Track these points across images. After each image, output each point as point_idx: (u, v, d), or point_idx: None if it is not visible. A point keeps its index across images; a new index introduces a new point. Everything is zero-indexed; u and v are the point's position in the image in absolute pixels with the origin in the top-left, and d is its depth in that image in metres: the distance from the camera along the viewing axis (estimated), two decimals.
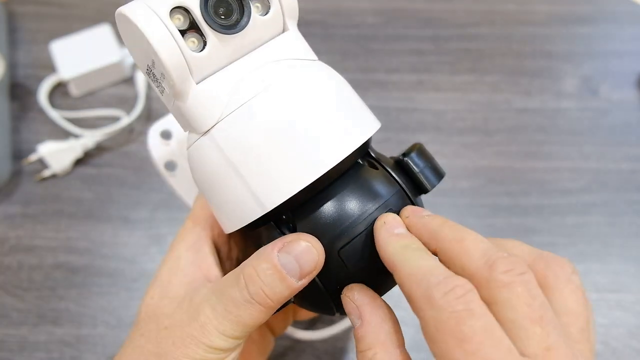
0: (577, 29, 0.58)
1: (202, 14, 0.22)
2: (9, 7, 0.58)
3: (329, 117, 0.23)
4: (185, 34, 0.22)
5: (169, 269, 0.27)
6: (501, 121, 0.52)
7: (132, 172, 0.48)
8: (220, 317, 0.23)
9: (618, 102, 0.53)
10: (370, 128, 0.24)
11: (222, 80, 0.23)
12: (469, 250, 0.21)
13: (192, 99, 0.22)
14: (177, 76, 0.22)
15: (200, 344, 0.23)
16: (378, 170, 0.25)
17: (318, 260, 0.22)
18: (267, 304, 0.23)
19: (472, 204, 0.47)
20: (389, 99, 0.53)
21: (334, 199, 0.23)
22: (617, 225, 0.46)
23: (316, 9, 0.58)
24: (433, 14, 0.59)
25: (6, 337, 0.41)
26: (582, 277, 0.23)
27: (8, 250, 0.44)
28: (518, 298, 0.19)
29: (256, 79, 0.23)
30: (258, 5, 0.23)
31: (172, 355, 0.24)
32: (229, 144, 0.22)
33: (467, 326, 0.18)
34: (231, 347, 0.24)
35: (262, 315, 0.23)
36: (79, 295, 0.42)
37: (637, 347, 0.41)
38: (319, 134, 0.22)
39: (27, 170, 0.48)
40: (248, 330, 0.24)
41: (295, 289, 0.23)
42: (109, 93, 0.53)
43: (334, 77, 0.25)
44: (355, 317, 0.22)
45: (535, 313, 0.19)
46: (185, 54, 0.21)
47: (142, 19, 0.21)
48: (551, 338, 0.19)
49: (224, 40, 0.22)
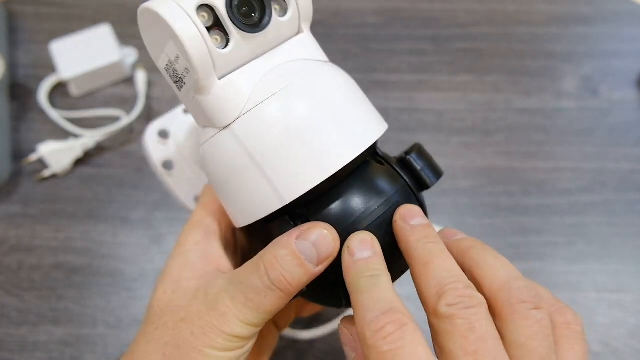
0: (577, 29, 0.58)
1: (228, 12, 0.22)
2: (9, 7, 0.58)
3: (345, 117, 0.24)
4: (209, 30, 0.22)
5: (178, 264, 0.27)
6: (501, 121, 0.52)
7: (132, 172, 0.48)
8: (241, 305, 0.24)
9: (618, 102, 0.53)
10: (379, 129, 0.26)
11: (243, 77, 0.24)
12: (429, 276, 0.22)
13: (214, 93, 0.23)
14: (202, 71, 0.22)
15: (221, 332, 0.24)
16: (384, 167, 0.26)
17: (334, 246, 0.23)
18: (288, 289, 0.23)
19: (472, 204, 0.47)
20: (389, 99, 0.53)
21: (344, 194, 0.24)
22: (617, 225, 0.46)
23: (316, 9, 0.58)
24: (433, 14, 0.59)
25: (6, 337, 0.41)
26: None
27: (8, 250, 0.44)
28: (456, 330, 0.20)
29: (277, 77, 0.24)
30: (277, 7, 0.24)
31: (192, 345, 0.24)
32: (250, 137, 0.23)
33: None
34: (250, 336, 0.24)
35: (281, 302, 0.24)
36: (78, 295, 0.42)
37: (637, 347, 0.41)
38: (335, 133, 0.23)
39: (27, 170, 0.48)
40: (267, 317, 0.24)
41: (313, 275, 0.23)
42: (109, 93, 0.53)
43: (346, 79, 0.26)
44: (350, 349, 0.23)
45: (470, 346, 0.20)
46: (211, 50, 0.22)
47: (170, 14, 0.22)
48: None
49: (246, 38, 0.23)
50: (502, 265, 0.23)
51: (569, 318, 0.23)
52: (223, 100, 0.23)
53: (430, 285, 0.21)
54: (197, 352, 0.24)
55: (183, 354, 0.24)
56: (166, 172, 0.38)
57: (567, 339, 0.22)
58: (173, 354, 0.24)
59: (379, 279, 0.22)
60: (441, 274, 0.21)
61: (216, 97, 0.23)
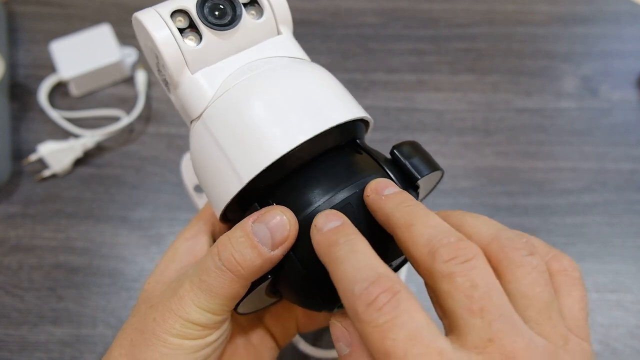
0: (577, 29, 0.58)
1: (197, 14, 0.25)
2: (9, 7, 0.58)
3: (309, 100, 0.25)
4: (185, 31, 0.25)
5: (167, 258, 0.28)
6: (501, 121, 0.52)
7: (132, 172, 0.48)
8: (196, 288, 0.24)
9: (618, 102, 0.53)
10: (351, 113, 0.25)
11: (215, 71, 0.26)
12: (415, 237, 0.20)
13: (186, 86, 0.26)
14: (173, 66, 0.25)
15: (178, 317, 0.24)
16: (361, 155, 0.26)
17: (290, 230, 0.23)
18: (238, 271, 0.23)
19: (472, 204, 0.47)
20: (389, 99, 0.53)
21: (311, 178, 0.24)
22: (617, 225, 0.46)
23: (316, 9, 0.58)
24: (433, 14, 0.59)
25: (6, 337, 0.41)
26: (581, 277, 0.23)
27: (8, 250, 0.44)
28: (457, 290, 0.18)
29: (246, 70, 0.26)
30: (254, 12, 0.27)
31: (152, 331, 0.24)
32: (214, 124, 0.25)
33: (390, 340, 0.17)
34: (208, 324, 0.24)
35: (233, 285, 0.23)
36: (78, 295, 0.42)
37: (637, 347, 0.41)
38: (294, 113, 0.24)
39: (27, 170, 0.48)
40: (223, 304, 0.24)
41: (267, 259, 0.23)
42: (109, 93, 0.53)
43: (320, 72, 0.26)
44: (344, 345, 0.21)
45: (475, 304, 0.18)
46: (182, 47, 0.25)
47: (147, 18, 0.25)
48: (493, 328, 0.18)
49: (218, 36, 0.26)
50: (484, 221, 0.22)
51: (565, 264, 0.22)
52: (194, 92, 0.26)
53: (418, 245, 0.20)
54: (156, 337, 0.24)
55: (145, 339, 0.24)
56: (197, 194, 0.41)
57: (565, 285, 0.21)
58: (138, 339, 0.25)
59: (354, 243, 0.20)
60: (428, 231, 0.20)
61: (188, 90, 0.26)
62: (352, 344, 0.21)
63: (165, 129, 0.51)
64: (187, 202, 0.47)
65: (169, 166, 0.49)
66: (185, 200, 0.47)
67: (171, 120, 0.51)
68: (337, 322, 0.22)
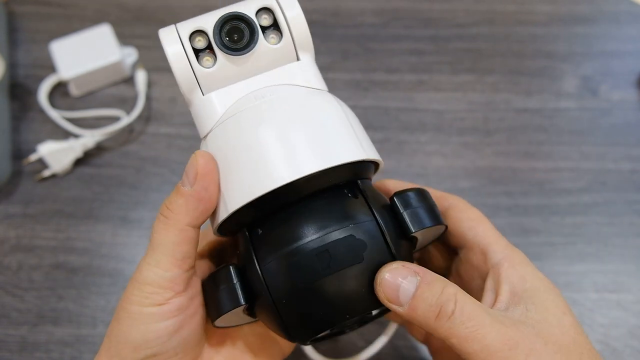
0: (577, 29, 0.58)
1: (214, 37, 0.25)
2: (9, 7, 0.58)
3: (310, 134, 0.24)
4: (202, 52, 0.26)
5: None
6: (501, 121, 0.52)
7: (132, 172, 0.48)
8: (148, 248, 0.25)
9: (618, 102, 0.53)
10: (355, 154, 0.24)
11: (225, 95, 0.26)
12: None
13: (196, 107, 0.26)
14: (185, 85, 0.26)
15: (136, 283, 0.25)
16: (357, 199, 0.25)
17: (199, 164, 0.24)
18: (169, 214, 0.25)
19: (472, 204, 0.47)
20: (389, 99, 0.53)
21: (299, 215, 0.24)
22: (617, 225, 0.46)
23: (316, 9, 0.58)
24: (433, 14, 0.59)
25: (6, 337, 0.41)
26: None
27: (8, 250, 0.44)
28: None
29: (253, 97, 0.25)
30: (273, 36, 0.26)
31: (120, 304, 0.25)
32: (215, 148, 0.25)
33: None
34: (162, 284, 0.24)
35: (170, 233, 0.25)
36: (78, 295, 0.43)
37: (637, 347, 0.41)
38: (294, 147, 0.23)
39: (27, 170, 0.48)
40: (165, 253, 0.25)
41: (188, 195, 0.24)
42: (109, 93, 0.53)
43: (332, 104, 0.25)
44: (412, 275, 0.22)
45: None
46: (195, 68, 0.25)
47: (165, 37, 0.26)
48: None
49: (233, 60, 0.26)
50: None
51: None
52: (203, 113, 0.26)
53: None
54: (122, 309, 0.25)
55: (117, 313, 0.26)
56: None
57: None
58: (115, 316, 0.26)
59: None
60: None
61: (198, 110, 0.26)
62: (419, 272, 0.22)
63: (165, 129, 0.51)
64: None
65: (169, 166, 0.49)
66: None
67: (171, 120, 0.51)
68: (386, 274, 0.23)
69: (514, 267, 0.26)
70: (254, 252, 0.24)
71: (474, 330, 0.21)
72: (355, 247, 0.23)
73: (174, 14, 0.57)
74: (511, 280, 0.25)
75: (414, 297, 0.22)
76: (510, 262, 0.26)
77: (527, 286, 0.25)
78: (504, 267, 0.26)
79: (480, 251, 0.28)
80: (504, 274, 0.25)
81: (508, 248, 0.27)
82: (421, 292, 0.22)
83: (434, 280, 0.22)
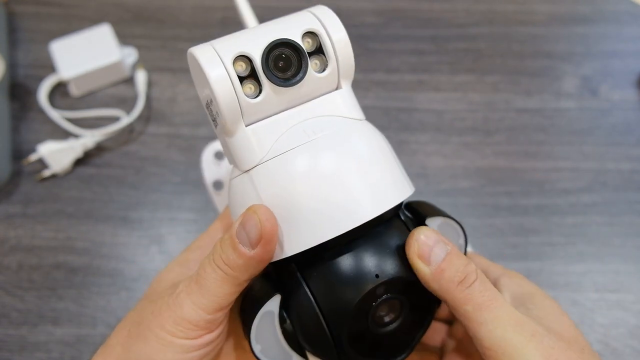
0: (577, 29, 0.58)
1: (262, 66, 0.23)
2: (9, 7, 0.58)
3: (363, 178, 0.24)
4: (245, 79, 0.24)
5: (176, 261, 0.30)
6: (501, 121, 0.52)
7: (132, 172, 0.48)
8: (192, 284, 0.25)
9: (618, 102, 0.53)
10: (404, 192, 0.25)
11: (269, 127, 0.24)
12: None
13: (239, 139, 0.24)
14: (229, 117, 0.23)
15: (172, 312, 0.25)
16: (403, 231, 0.25)
17: (262, 228, 0.23)
18: (226, 269, 0.24)
19: (472, 204, 0.47)
20: (389, 99, 0.53)
21: (352, 254, 0.24)
22: (617, 225, 0.46)
23: None
24: (433, 14, 0.59)
25: (6, 337, 0.41)
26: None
27: (8, 250, 0.44)
28: None
29: (301, 131, 0.24)
30: (317, 62, 0.25)
31: (148, 324, 0.25)
32: (263, 187, 0.24)
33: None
34: (200, 323, 0.25)
35: (224, 283, 0.24)
36: (78, 295, 0.42)
37: (637, 347, 0.41)
38: (348, 192, 0.23)
39: (27, 170, 0.48)
40: (214, 300, 0.25)
41: (248, 257, 0.24)
42: (109, 93, 0.53)
43: (376, 138, 0.25)
44: (443, 244, 0.24)
45: None
46: (240, 98, 0.23)
47: (206, 60, 0.23)
48: None
49: (278, 91, 0.24)
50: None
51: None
52: (246, 147, 0.24)
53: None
54: (150, 331, 0.25)
55: (140, 331, 0.25)
56: (215, 191, 0.41)
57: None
58: (134, 331, 0.26)
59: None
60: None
61: (241, 143, 0.24)
62: (448, 244, 0.24)
63: (165, 129, 0.51)
64: (187, 202, 0.47)
65: (169, 166, 0.49)
66: (186, 200, 0.47)
67: (171, 120, 0.51)
68: (421, 234, 0.24)
69: (511, 278, 0.28)
70: (310, 290, 0.24)
71: (489, 299, 0.23)
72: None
73: (173, 14, 0.57)
74: (510, 287, 0.28)
75: (444, 260, 0.24)
76: (508, 276, 0.29)
77: (525, 290, 0.27)
78: (503, 279, 0.28)
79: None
80: (503, 284, 0.28)
81: (503, 268, 0.30)
82: (450, 258, 0.24)
83: (460, 254, 0.24)
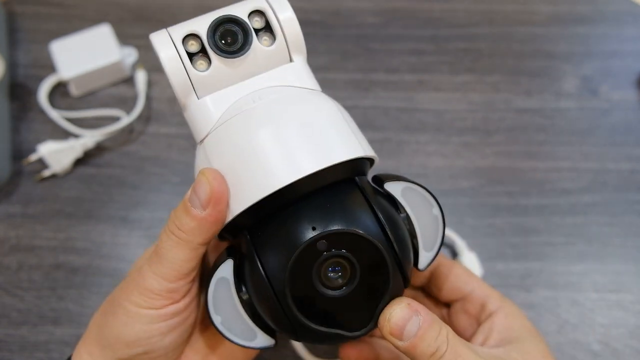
0: (577, 29, 0.58)
1: (208, 40, 0.25)
2: (9, 7, 0.58)
3: (307, 134, 0.24)
4: (196, 56, 0.26)
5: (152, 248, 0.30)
6: (501, 121, 0.52)
7: (132, 172, 0.48)
8: (153, 256, 0.26)
9: (618, 102, 0.53)
10: (351, 152, 0.25)
11: (221, 98, 0.26)
12: None
13: (192, 111, 0.26)
14: (180, 90, 0.26)
15: (136, 285, 0.26)
16: (356, 195, 0.25)
17: (210, 188, 0.24)
18: (180, 235, 0.25)
19: (472, 204, 0.47)
20: (389, 99, 0.53)
21: (298, 212, 0.24)
22: (617, 225, 0.46)
23: (316, 9, 0.58)
24: (433, 14, 0.59)
25: (6, 337, 0.41)
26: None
27: (8, 250, 0.44)
28: None
29: (249, 100, 0.25)
30: (266, 38, 0.26)
31: (118, 300, 0.26)
32: (212, 152, 0.25)
33: None
34: (162, 291, 0.25)
35: (180, 250, 0.25)
36: (78, 295, 0.43)
37: (637, 347, 0.41)
38: (292, 149, 0.24)
39: (27, 170, 0.48)
40: (172, 267, 0.25)
41: (200, 219, 0.24)
42: (109, 93, 0.53)
43: (324, 104, 0.26)
44: (415, 316, 0.24)
45: None
46: (190, 72, 0.25)
47: (158, 41, 0.25)
48: None
49: (227, 63, 0.26)
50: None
51: None
52: (199, 118, 0.26)
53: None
54: (118, 305, 0.26)
55: (111, 307, 0.27)
56: None
57: None
58: (107, 308, 0.27)
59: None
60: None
61: (194, 115, 0.26)
62: (420, 312, 0.24)
63: (165, 129, 0.51)
64: None
65: (169, 166, 0.49)
66: None
67: (171, 120, 0.51)
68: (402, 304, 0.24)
69: (506, 317, 0.30)
70: (256, 252, 0.24)
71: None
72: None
73: (173, 14, 0.57)
74: (501, 328, 0.30)
75: (416, 336, 0.24)
76: (504, 312, 0.30)
77: (514, 335, 0.29)
78: (499, 316, 0.30)
79: (480, 303, 0.32)
80: (497, 322, 0.30)
81: (502, 300, 0.31)
82: (422, 333, 0.24)
83: (433, 322, 0.24)
